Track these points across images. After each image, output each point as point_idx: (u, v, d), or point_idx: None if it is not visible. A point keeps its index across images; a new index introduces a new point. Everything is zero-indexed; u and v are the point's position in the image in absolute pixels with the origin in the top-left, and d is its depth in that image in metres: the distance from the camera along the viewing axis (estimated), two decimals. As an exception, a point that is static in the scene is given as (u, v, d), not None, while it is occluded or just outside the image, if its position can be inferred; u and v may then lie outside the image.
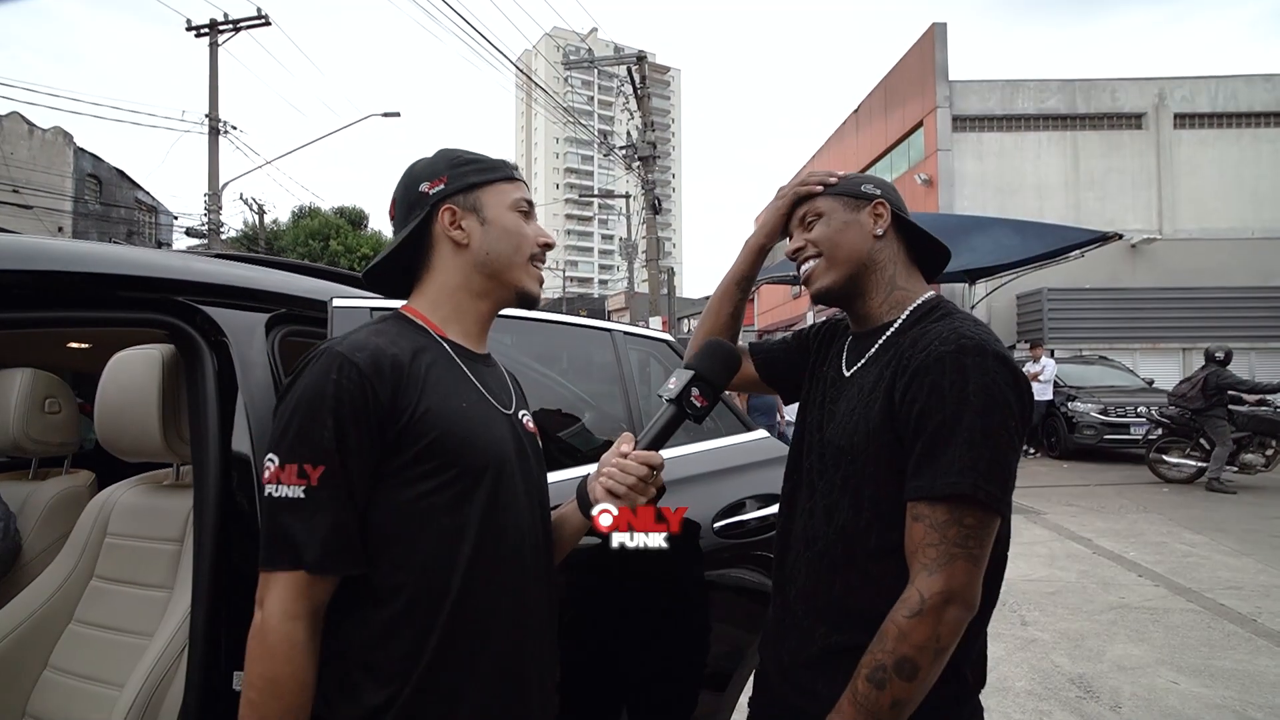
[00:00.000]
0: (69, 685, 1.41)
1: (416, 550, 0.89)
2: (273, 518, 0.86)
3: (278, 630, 0.82)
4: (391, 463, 0.89)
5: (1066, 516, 6.73)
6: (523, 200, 1.08)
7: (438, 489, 0.90)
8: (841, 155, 22.30)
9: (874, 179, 1.17)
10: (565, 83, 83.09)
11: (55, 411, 1.80)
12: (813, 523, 1.08)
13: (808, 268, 1.14)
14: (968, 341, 0.95)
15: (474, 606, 0.91)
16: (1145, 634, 3.82)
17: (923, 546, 0.91)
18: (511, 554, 0.96)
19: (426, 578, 0.89)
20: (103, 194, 21.16)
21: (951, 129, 16.46)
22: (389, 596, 0.88)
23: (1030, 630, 3.89)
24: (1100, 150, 16.55)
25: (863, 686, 0.91)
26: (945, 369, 0.94)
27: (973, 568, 0.91)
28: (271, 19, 15.37)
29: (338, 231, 23.23)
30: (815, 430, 1.13)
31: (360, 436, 0.87)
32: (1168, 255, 15.52)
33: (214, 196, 15.45)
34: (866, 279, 1.12)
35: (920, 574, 0.91)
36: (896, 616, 0.91)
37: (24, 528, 1.74)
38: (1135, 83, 16.68)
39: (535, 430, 1.11)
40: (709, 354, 1.14)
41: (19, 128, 18.04)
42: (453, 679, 0.89)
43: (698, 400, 1.07)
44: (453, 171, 1.05)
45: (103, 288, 1.11)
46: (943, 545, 0.90)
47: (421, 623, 0.88)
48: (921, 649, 0.89)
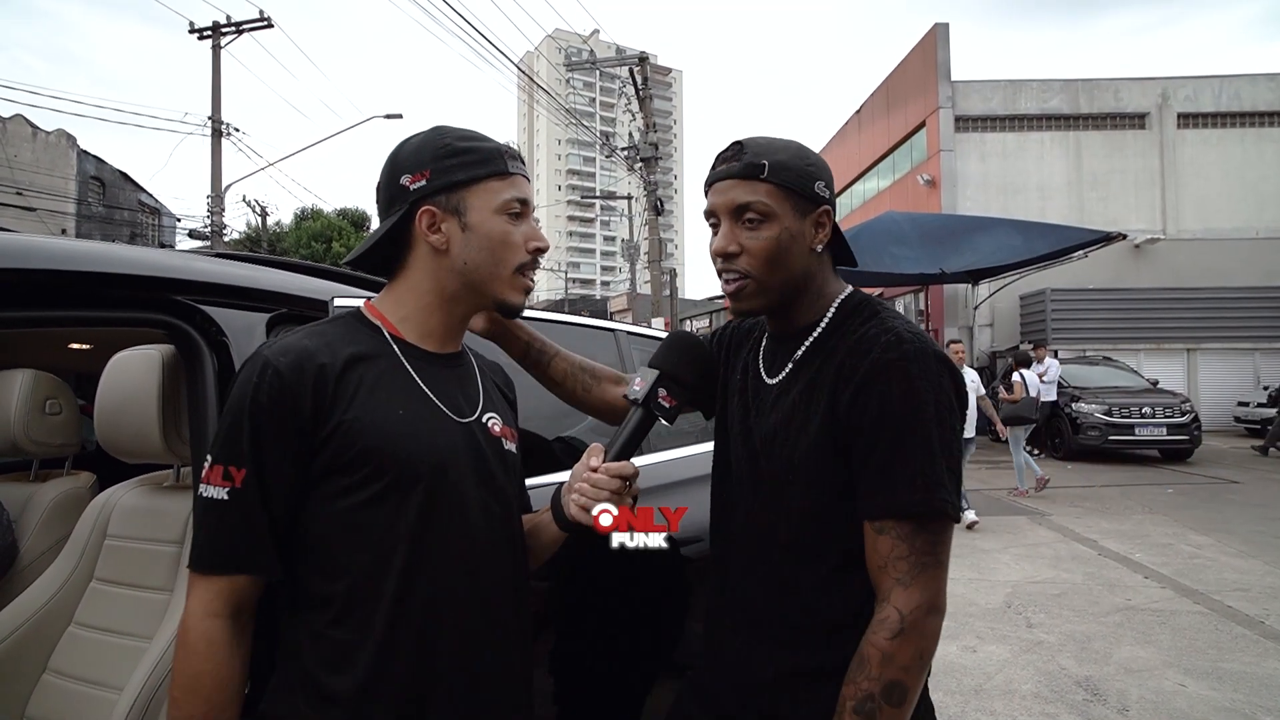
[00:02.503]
0: (68, 688, 1.40)
1: (348, 558, 0.87)
2: (198, 516, 0.87)
3: (196, 628, 0.83)
4: (318, 470, 0.88)
5: (1071, 518, 6.70)
6: (514, 200, 0.98)
7: (369, 499, 0.87)
8: (844, 156, 22.27)
9: (819, 163, 1.02)
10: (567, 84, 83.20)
11: (56, 413, 1.79)
12: (753, 543, 1.02)
13: (736, 286, 1.01)
14: (910, 347, 0.92)
15: (412, 617, 0.88)
16: (1152, 636, 3.79)
17: (892, 560, 0.88)
18: (457, 562, 0.92)
19: (359, 586, 0.87)
20: (106, 196, 21.21)
21: (954, 129, 16.45)
22: (323, 603, 0.87)
23: (1036, 633, 3.86)
24: (1103, 150, 16.52)
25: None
26: (893, 378, 0.90)
27: (942, 573, 0.90)
28: (274, 21, 15.40)
29: (340, 233, 23.28)
30: (741, 445, 1.06)
31: (278, 442, 0.85)
32: (1172, 255, 15.48)
33: (217, 198, 15.46)
34: (796, 294, 1.03)
35: (894, 590, 0.88)
36: (876, 640, 0.87)
37: (24, 529, 1.73)
38: (1138, 82, 16.65)
39: (506, 433, 1.04)
40: (672, 349, 1.06)
41: (22, 130, 18.09)
42: (404, 684, 0.87)
43: (666, 400, 1.01)
44: (437, 165, 0.96)
45: (101, 287, 1.10)
46: (912, 556, 0.88)
47: (359, 630, 0.86)
48: (908, 669, 0.86)
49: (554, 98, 21.13)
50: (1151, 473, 9.32)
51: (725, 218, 1.01)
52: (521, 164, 1.03)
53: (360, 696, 0.85)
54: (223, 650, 0.83)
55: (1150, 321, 14.61)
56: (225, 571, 0.84)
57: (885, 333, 0.94)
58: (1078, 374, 11.39)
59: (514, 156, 1.02)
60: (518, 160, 1.02)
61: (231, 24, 15.39)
